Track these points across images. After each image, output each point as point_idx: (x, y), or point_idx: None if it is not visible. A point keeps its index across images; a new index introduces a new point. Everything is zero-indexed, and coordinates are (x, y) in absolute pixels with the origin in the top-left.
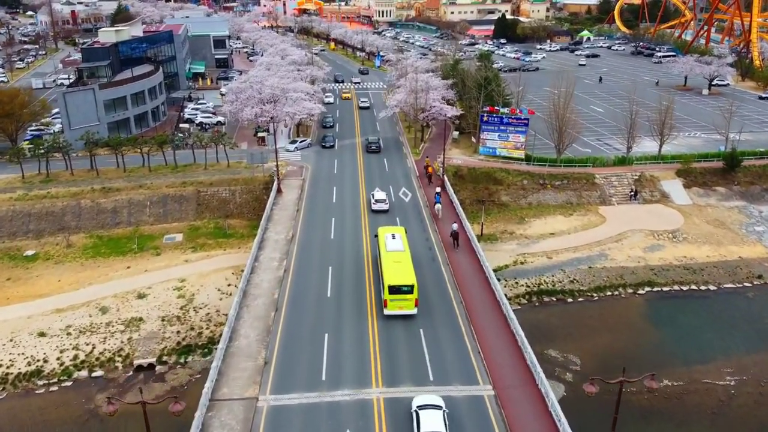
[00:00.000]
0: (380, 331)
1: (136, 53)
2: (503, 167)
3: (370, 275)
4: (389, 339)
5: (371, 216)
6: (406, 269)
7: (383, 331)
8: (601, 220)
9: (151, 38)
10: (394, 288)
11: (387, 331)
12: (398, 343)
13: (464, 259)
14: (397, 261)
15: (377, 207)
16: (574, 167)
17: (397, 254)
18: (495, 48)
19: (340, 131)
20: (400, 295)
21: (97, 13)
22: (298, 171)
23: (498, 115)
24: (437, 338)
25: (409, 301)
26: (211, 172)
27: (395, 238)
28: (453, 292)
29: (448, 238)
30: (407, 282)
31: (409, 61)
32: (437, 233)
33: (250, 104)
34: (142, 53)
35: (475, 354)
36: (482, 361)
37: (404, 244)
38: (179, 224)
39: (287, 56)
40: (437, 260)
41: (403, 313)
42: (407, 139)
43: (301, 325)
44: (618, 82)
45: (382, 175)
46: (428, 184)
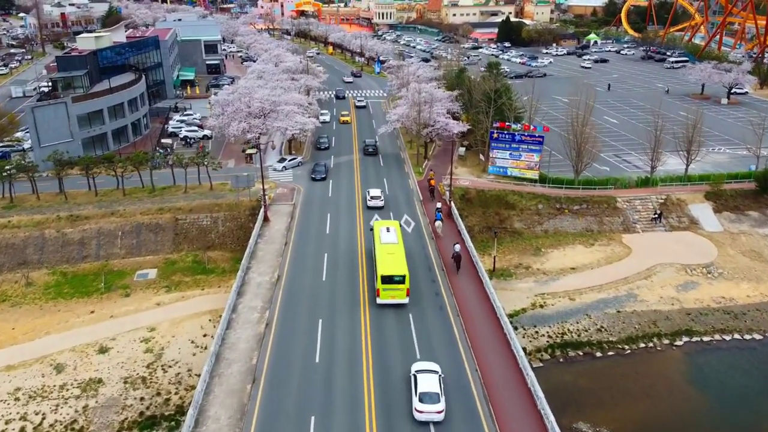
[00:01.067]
0: (377, 414)
1: (117, 61)
2: (515, 189)
3: (367, 335)
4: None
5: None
6: (398, 261)
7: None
8: (626, 252)
9: (134, 44)
10: (387, 278)
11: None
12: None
13: (472, 299)
14: (390, 253)
15: (372, 204)
16: (594, 189)
17: (390, 246)
18: (499, 52)
19: (336, 149)
20: (392, 285)
21: (88, 16)
22: (288, 194)
23: (509, 132)
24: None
25: (400, 290)
26: (191, 195)
27: (389, 231)
28: (465, 352)
29: (449, 260)
30: (399, 272)
31: (411, 68)
32: (441, 262)
33: (238, 118)
34: (125, 61)
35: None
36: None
37: (398, 237)
38: (154, 257)
39: (281, 63)
40: (445, 309)
41: (395, 302)
42: (409, 156)
43: (283, 403)
44: (630, 89)
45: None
46: (430, 199)
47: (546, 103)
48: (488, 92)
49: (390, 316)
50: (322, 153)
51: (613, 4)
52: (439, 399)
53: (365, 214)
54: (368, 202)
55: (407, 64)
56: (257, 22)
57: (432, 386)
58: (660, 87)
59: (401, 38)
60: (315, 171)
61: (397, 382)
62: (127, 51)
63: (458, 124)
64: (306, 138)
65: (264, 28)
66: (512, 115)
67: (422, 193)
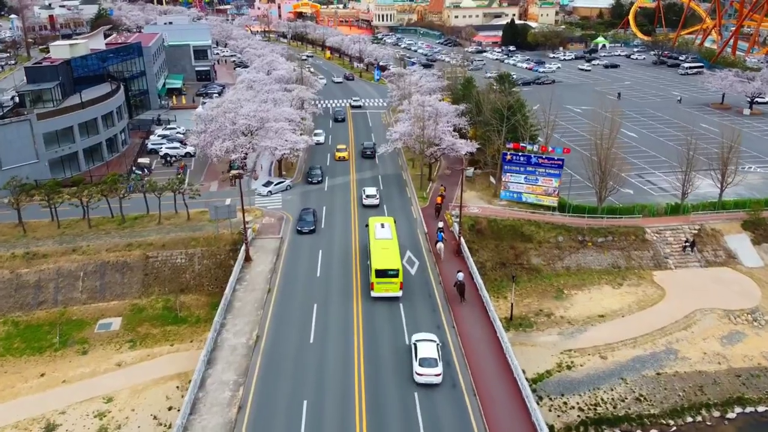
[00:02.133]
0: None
1: (94, 70)
2: (532, 219)
3: (363, 422)
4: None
5: (369, 304)
6: (392, 255)
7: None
8: (659, 294)
9: (114, 52)
10: (381, 272)
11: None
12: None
13: (485, 353)
14: (384, 248)
15: (368, 202)
16: (620, 218)
17: (385, 242)
18: (504, 56)
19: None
20: (386, 279)
21: (77, 18)
22: (275, 225)
23: (525, 154)
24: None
25: (394, 284)
26: (165, 227)
27: (384, 227)
28: None
29: (451, 289)
30: (393, 266)
31: (413, 77)
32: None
33: (222, 136)
34: (103, 70)
35: None
36: None
37: (392, 233)
38: (119, 303)
39: (274, 71)
40: (453, 365)
41: (388, 295)
42: (411, 177)
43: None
44: (645, 98)
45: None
46: (435, 217)
47: (558, 113)
48: (500, 108)
49: (392, 392)
50: (313, 189)
51: (620, 5)
52: (437, 364)
53: (362, 251)
54: (364, 201)
55: (409, 72)
56: (253, 25)
57: (431, 353)
58: (676, 95)
59: (402, 41)
60: (302, 220)
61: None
62: (105, 59)
63: (466, 143)
64: (298, 157)
65: (260, 31)
66: (527, 134)
67: (427, 226)
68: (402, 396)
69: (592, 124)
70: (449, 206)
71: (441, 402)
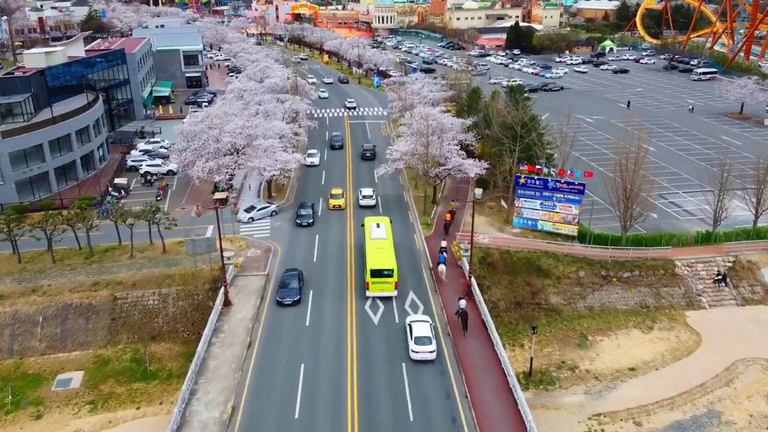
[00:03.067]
0: None
1: (72, 80)
2: (550, 250)
3: None
4: None
5: (365, 366)
6: (387, 255)
7: None
8: (694, 340)
9: (95, 60)
10: (376, 272)
11: None
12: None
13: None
14: (380, 248)
15: (364, 203)
16: (646, 249)
17: (380, 242)
18: (509, 61)
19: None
20: (381, 278)
21: (68, 21)
22: (261, 258)
23: (541, 178)
24: None
25: (389, 284)
26: (138, 262)
27: (380, 227)
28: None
29: (453, 317)
30: (388, 266)
31: (415, 86)
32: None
33: (205, 155)
34: (81, 79)
35: None
36: None
37: (388, 233)
38: (81, 354)
39: (267, 78)
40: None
41: (384, 294)
42: (413, 198)
43: None
44: (659, 106)
45: None
46: (444, 235)
47: (567, 123)
48: (511, 125)
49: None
50: (303, 227)
51: (626, 7)
52: (431, 342)
53: (358, 292)
54: (360, 201)
55: (410, 80)
56: (249, 27)
57: (425, 332)
58: (691, 103)
59: (402, 44)
60: (283, 287)
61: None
62: (85, 67)
63: (475, 163)
64: (290, 177)
65: (257, 33)
66: (543, 154)
67: (432, 259)
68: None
69: (606, 136)
70: (456, 235)
71: None
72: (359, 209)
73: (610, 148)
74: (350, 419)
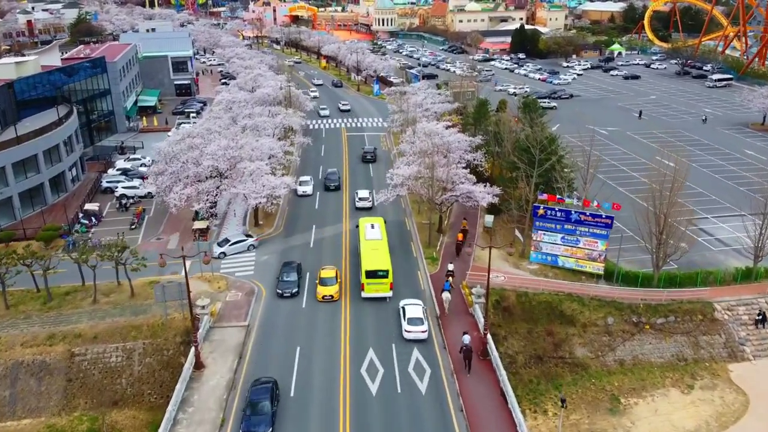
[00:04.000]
0: None
1: (45, 92)
2: (573, 291)
3: None
4: None
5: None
6: (382, 256)
7: None
8: (741, 402)
9: (72, 69)
10: (371, 273)
11: None
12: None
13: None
14: (374, 248)
15: (360, 205)
16: (681, 289)
17: (374, 242)
18: (514, 65)
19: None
20: (376, 279)
21: (58, 24)
22: (242, 303)
23: (563, 209)
24: None
25: (384, 284)
26: (102, 308)
27: (374, 227)
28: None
29: (457, 356)
30: (383, 267)
31: (418, 98)
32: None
33: (184, 179)
34: (56, 91)
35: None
36: None
37: (382, 234)
38: (32, 423)
39: (259, 87)
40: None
41: (379, 295)
42: (417, 226)
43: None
44: (675, 116)
45: (380, 314)
46: (455, 256)
47: (582, 135)
48: (527, 145)
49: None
50: (286, 287)
51: (633, 9)
52: (423, 323)
53: (354, 342)
54: (356, 204)
55: (412, 90)
56: (244, 29)
57: (417, 313)
58: (708, 112)
59: (403, 48)
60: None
61: None
62: (60, 78)
63: (486, 189)
64: (279, 204)
65: (252, 36)
66: (564, 183)
67: (438, 300)
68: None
69: (623, 150)
70: (466, 274)
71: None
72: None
73: (629, 164)
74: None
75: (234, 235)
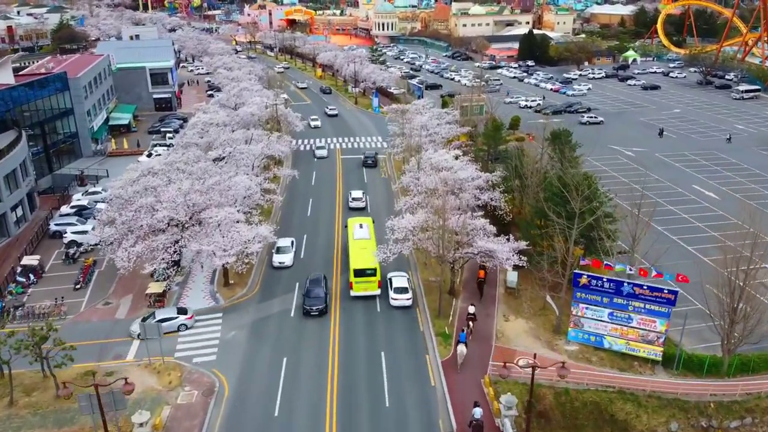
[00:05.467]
0: None
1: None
2: (625, 386)
3: None
4: None
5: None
6: (370, 255)
7: None
8: None
9: (28, 88)
10: (359, 271)
11: None
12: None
13: None
14: (363, 248)
15: (354, 204)
16: (759, 379)
17: (363, 242)
18: (523, 74)
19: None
20: (364, 278)
21: (40, 30)
22: (197, 409)
23: (612, 279)
24: None
25: (372, 283)
26: (18, 415)
27: (362, 227)
28: None
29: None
30: (371, 266)
31: (423, 118)
32: None
33: (135, 232)
34: (6, 114)
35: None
36: None
37: (371, 233)
38: None
39: (243, 105)
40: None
41: (368, 294)
42: (423, 287)
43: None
44: (705, 133)
45: (376, 419)
46: (479, 297)
47: (603, 157)
48: (561, 191)
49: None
50: (264, 352)
51: (644, 12)
52: (407, 291)
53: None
54: (350, 204)
55: (414, 109)
56: (237, 34)
57: (402, 283)
58: (740, 129)
59: (404, 54)
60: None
61: None
62: (10, 99)
63: (509, 246)
64: (249, 264)
65: (246, 41)
66: (611, 240)
67: (455, 405)
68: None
69: (657, 178)
70: (487, 365)
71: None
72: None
73: (665, 195)
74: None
75: (163, 311)
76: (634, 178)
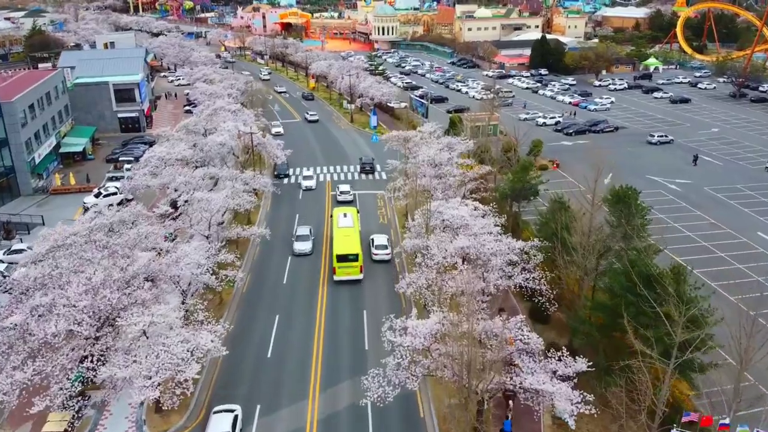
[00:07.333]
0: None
1: None
2: None
3: None
4: None
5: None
6: (353, 241)
7: None
8: None
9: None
10: (342, 257)
11: None
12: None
13: None
14: (346, 235)
15: (342, 198)
16: None
17: (346, 230)
18: (537, 84)
19: None
20: (346, 263)
21: (14, 36)
22: None
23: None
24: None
25: (354, 267)
26: None
27: (347, 216)
28: None
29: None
30: (353, 251)
31: (430, 151)
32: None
33: (17, 351)
34: None
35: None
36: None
37: (354, 222)
38: None
39: (213, 131)
40: None
41: (350, 278)
42: (437, 415)
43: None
44: (754, 160)
45: None
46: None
47: (644, 192)
48: (638, 285)
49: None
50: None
51: (660, 15)
52: (387, 247)
53: None
54: (338, 197)
55: (420, 138)
56: (227, 39)
57: (383, 241)
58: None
59: (406, 60)
60: None
61: None
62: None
63: (564, 385)
64: (192, 395)
65: (236, 47)
66: (712, 368)
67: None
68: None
69: (715, 223)
70: None
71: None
72: None
73: (727, 248)
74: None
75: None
76: (697, 231)
